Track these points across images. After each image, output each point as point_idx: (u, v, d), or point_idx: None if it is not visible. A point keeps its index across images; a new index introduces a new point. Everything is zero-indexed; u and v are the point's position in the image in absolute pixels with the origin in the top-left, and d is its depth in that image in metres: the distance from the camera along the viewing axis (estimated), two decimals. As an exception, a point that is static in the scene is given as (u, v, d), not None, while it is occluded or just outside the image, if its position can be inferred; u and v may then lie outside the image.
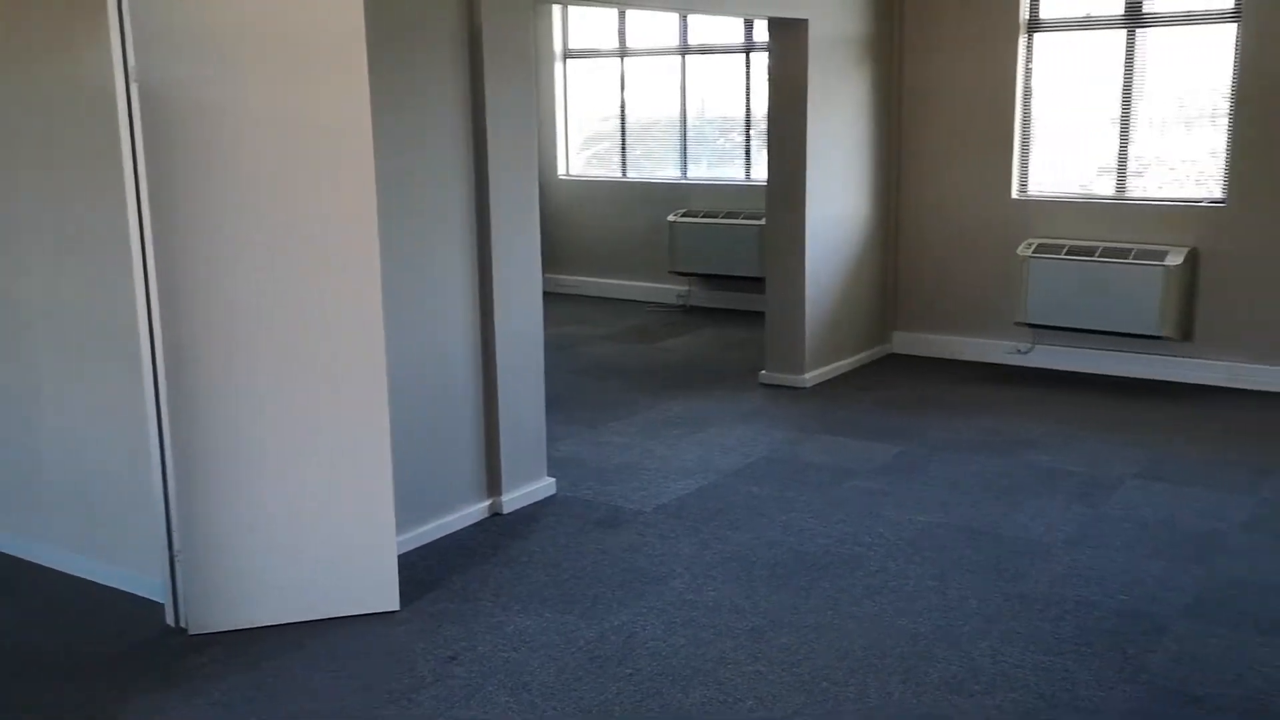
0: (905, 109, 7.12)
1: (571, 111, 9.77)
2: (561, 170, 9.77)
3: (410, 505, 4.20)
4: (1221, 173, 6.31)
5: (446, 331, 4.39)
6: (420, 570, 4.11)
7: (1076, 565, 4.08)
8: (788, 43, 6.29)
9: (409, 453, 4.13)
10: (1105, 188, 6.68)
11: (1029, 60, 6.78)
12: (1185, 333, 6.42)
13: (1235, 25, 6.13)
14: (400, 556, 4.01)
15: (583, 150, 9.85)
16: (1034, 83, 6.79)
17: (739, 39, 8.75)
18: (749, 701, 3.24)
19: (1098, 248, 6.49)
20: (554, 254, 9.17)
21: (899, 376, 6.80)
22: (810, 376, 6.58)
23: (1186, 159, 6.50)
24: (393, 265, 4.00)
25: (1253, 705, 3.16)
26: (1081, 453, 5.28)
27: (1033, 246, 6.68)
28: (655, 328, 8.40)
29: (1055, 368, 6.84)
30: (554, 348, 7.27)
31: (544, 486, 4.85)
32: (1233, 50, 6.16)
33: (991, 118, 6.86)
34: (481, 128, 4.37)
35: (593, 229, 9.61)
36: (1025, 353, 6.93)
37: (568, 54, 9.70)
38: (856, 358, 7.02)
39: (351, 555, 3.76)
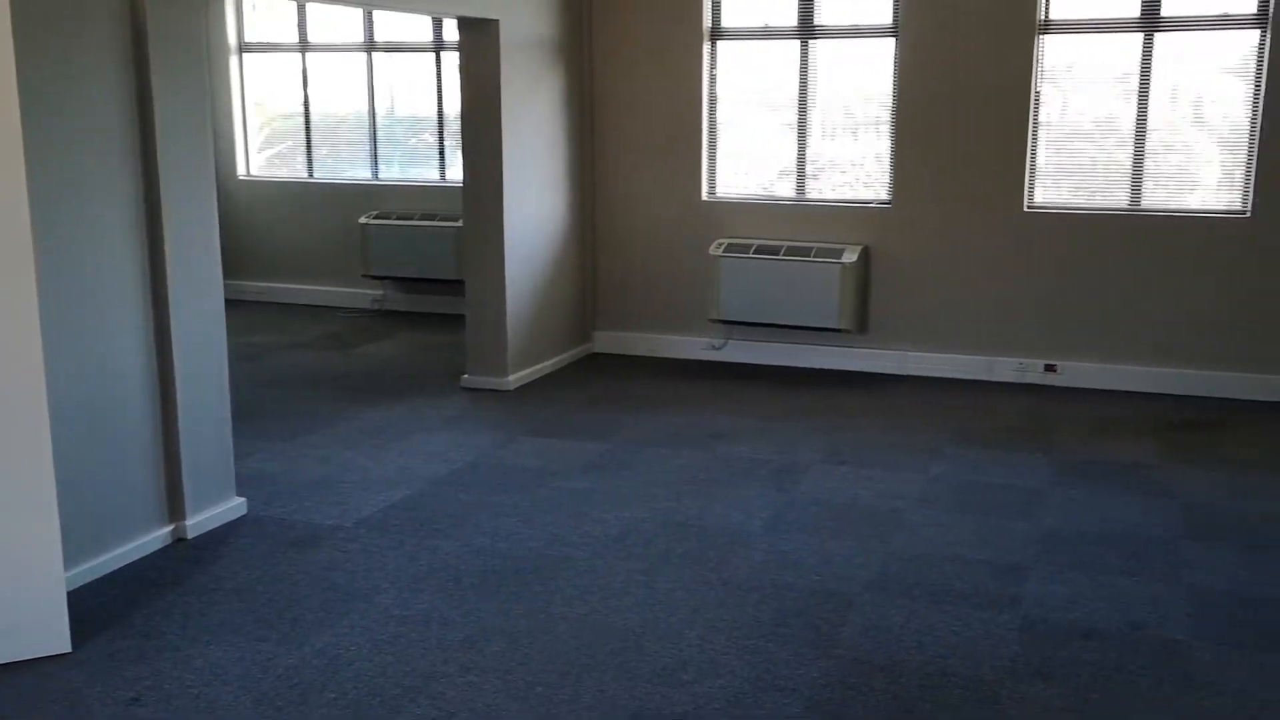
0: (598, 112, 7.22)
1: (250, 109, 9.26)
2: (241, 171, 9.25)
3: (80, 535, 3.81)
4: (887, 176, 6.81)
5: (114, 344, 4.01)
6: (95, 606, 3.74)
7: (774, 550, 4.25)
8: (479, 43, 6.22)
9: (77, 477, 3.75)
10: (787, 190, 7.05)
11: (713, 67, 7.05)
12: (861, 325, 6.88)
13: (893, 40, 6.63)
14: (71, 592, 3.64)
15: (264, 150, 9.36)
16: (719, 89, 7.07)
17: (428, 37, 8.59)
18: (463, 714, 3.15)
19: (782, 247, 6.84)
20: (237, 259, 8.65)
21: (601, 375, 6.89)
22: (514, 379, 6.55)
23: (857, 162, 6.96)
24: (51, 277, 3.62)
25: (932, 670, 3.39)
26: (773, 442, 5.53)
27: (723, 246, 6.95)
28: (350, 334, 8.10)
29: (748, 361, 7.15)
30: (241, 358, 6.86)
31: (233, 507, 4.54)
32: (892, 62, 6.66)
33: (680, 122, 7.08)
34: (150, 126, 4.03)
35: (278, 232, 9.15)
36: (719, 348, 7.20)
37: (244, 47, 9.19)
38: (559, 358, 7.05)
39: (13, 594, 3.35)
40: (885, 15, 6.65)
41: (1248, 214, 6.17)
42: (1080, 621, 3.68)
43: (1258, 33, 6.03)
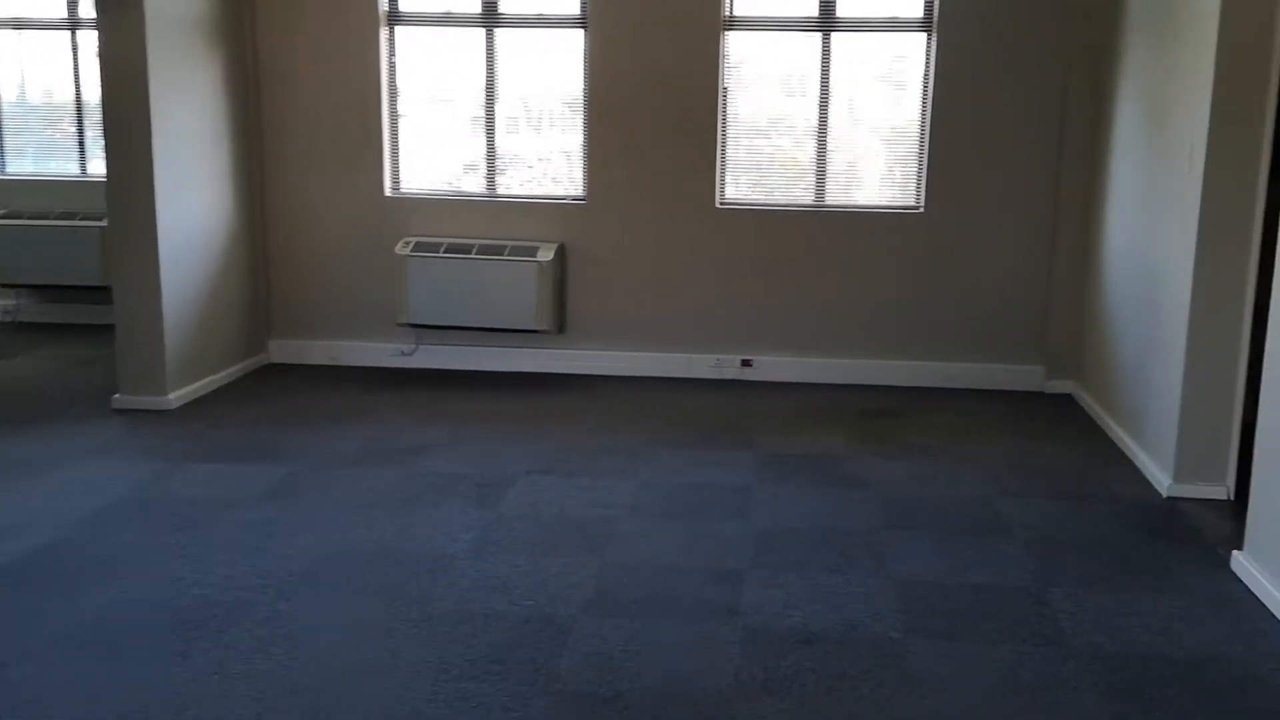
0: (266, 100, 6.59)
1: None
2: None
3: None
4: (580, 172, 6.61)
5: None
6: None
7: (482, 575, 3.91)
8: (120, 20, 5.46)
9: None
10: (476, 185, 6.70)
11: (392, 54, 6.59)
12: (559, 325, 6.64)
13: (583, 31, 6.43)
14: None
15: None
16: (400, 78, 6.61)
17: (61, 13, 7.58)
18: (116, 815, 2.61)
19: (474, 245, 6.48)
20: None
21: (279, 389, 6.28)
22: (176, 397, 5.82)
23: (545, 157, 6.72)
24: None
25: (658, 696, 3.17)
26: (474, 454, 5.18)
27: (410, 245, 6.51)
28: (-23, 352, 7.02)
29: (442, 367, 6.75)
30: None
31: None
32: (582, 55, 6.46)
33: (358, 111, 6.57)
34: None
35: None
36: (410, 354, 6.76)
37: None
38: (230, 371, 6.37)
39: None
40: (574, 6, 6.44)
41: (921, 209, 6.44)
42: (799, 627, 3.58)
43: (924, 35, 6.29)
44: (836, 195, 6.51)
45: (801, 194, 6.53)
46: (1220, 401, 4.65)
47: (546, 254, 6.44)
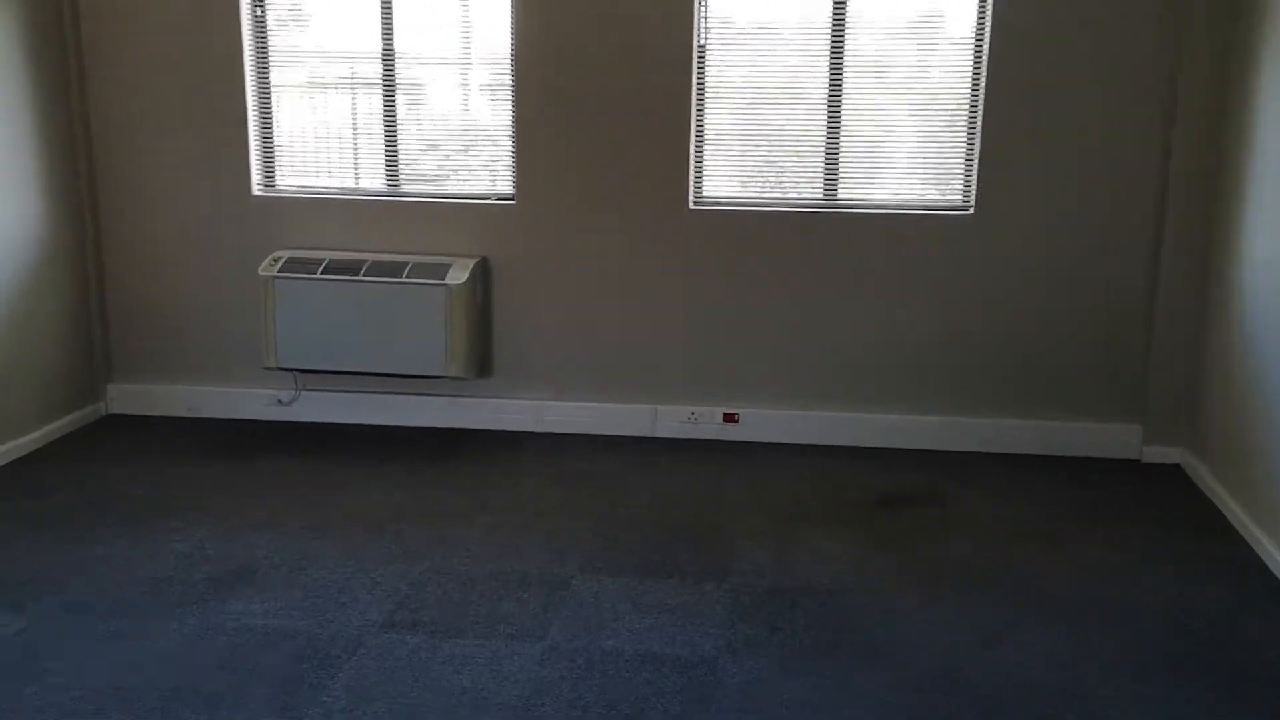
0: (89, 63, 4.94)
1: None
2: None
3: None
4: (509, 163, 4.94)
5: None
6: None
7: None
8: None
9: None
10: (374, 181, 5.05)
11: (258, 4, 4.93)
12: (480, 368, 5.00)
13: (506, -30, 4.75)
14: None
15: None
16: (272, 35, 4.96)
17: None
18: None
19: (363, 263, 4.84)
20: None
21: (100, 456, 4.66)
22: (-63, 481, 4.23)
23: (460, 145, 5.05)
24: None
25: None
26: (314, 586, 3.55)
27: (279, 263, 4.87)
28: None
29: (327, 420, 5.14)
30: None
31: None
32: (508, 1, 4.78)
33: (217, 82, 4.92)
34: None
35: None
36: (288, 403, 5.14)
37: None
38: (46, 429, 4.78)
39: None
40: (493, -64, 4.75)
41: (970, 210, 4.74)
42: None
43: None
44: (853, 191, 4.82)
45: (807, 190, 4.84)
46: None
47: (459, 273, 4.78)
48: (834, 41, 4.67)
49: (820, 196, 4.82)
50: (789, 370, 4.90)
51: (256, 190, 5.03)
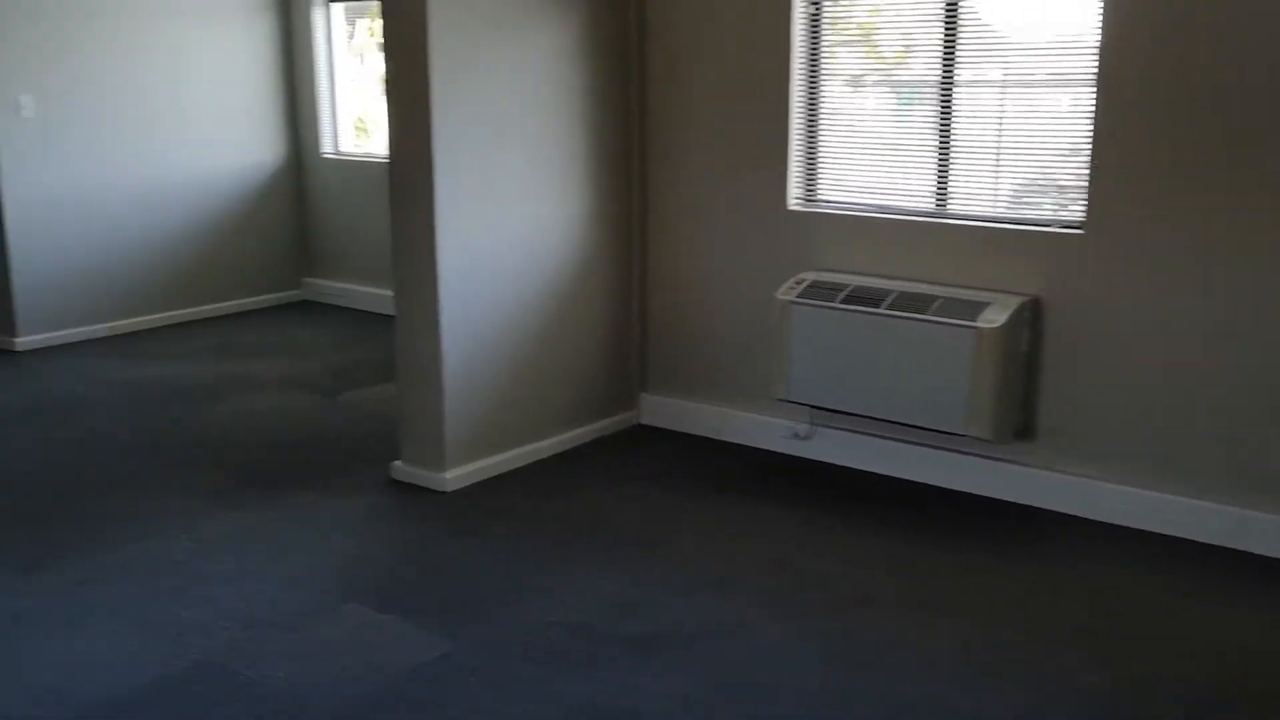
0: (650, 62, 4.85)
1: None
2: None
3: None
4: (1085, 179, 3.96)
5: None
6: None
7: None
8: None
9: None
10: (923, 201, 4.35)
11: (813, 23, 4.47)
12: (1019, 429, 4.10)
13: (1099, -61, 3.76)
14: None
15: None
16: (823, 53, 4.48)
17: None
18: None
19: (890, 293, 4.18)
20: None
21: (609, 468, 4.56)
22: (454, 476, 4.39)
23: (1030, 152, 4.15)
24: None
25: None
26: (723, 663, 3.04)
27: (801, 285, 4.39)
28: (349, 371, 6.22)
29: (842, 463, 4.58)
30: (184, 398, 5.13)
31: None
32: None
33: (763, 85, 4.57)
34: None
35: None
36: (805, 438, 4.67)
37: None
38: (592, 427, 4.85)
39: None
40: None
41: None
42: None
43: None
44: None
45: None
46: None
47: (997, 314, 3.92)
48: None
49: None
50: None
51: (792, 204, 4.60)
